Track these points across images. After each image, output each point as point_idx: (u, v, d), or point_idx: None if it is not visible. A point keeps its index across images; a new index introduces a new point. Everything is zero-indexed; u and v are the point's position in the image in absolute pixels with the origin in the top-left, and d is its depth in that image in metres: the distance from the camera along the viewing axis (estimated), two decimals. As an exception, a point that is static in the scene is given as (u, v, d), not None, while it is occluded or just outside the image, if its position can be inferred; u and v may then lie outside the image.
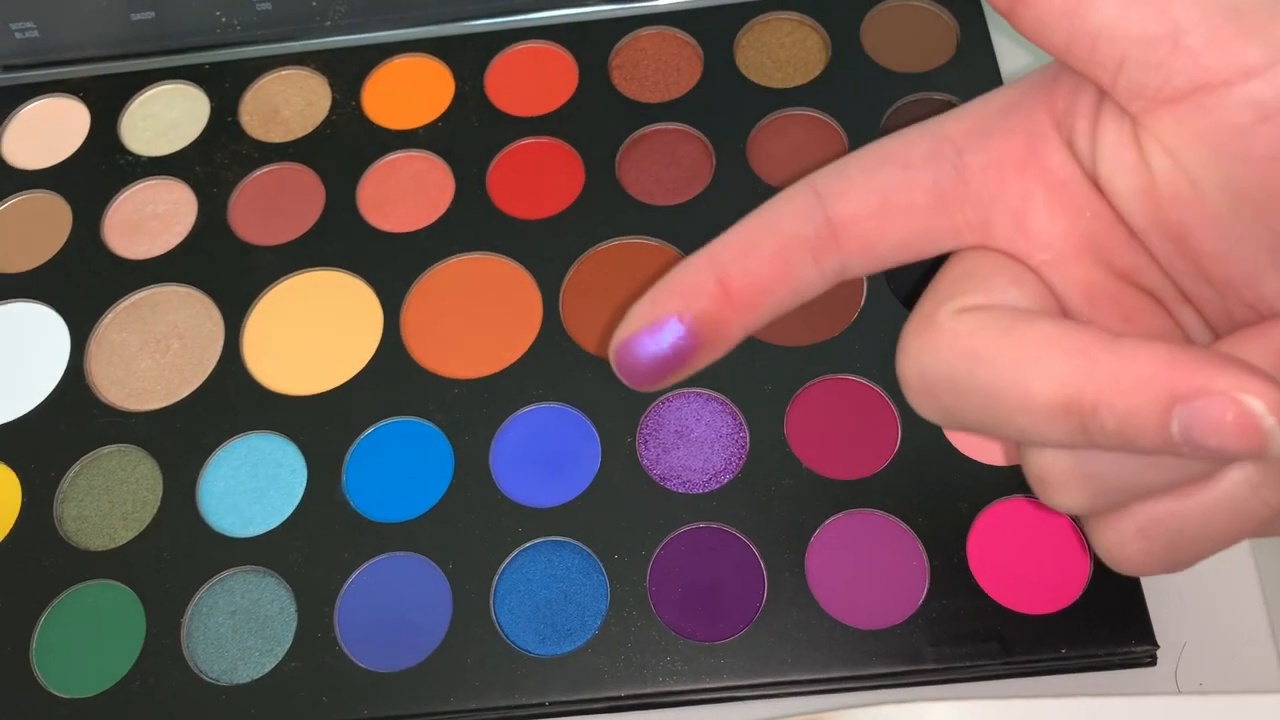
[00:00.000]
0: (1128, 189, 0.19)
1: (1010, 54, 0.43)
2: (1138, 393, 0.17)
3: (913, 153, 0.20)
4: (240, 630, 0.35)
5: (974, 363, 0.18)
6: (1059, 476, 0.19)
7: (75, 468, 0.38)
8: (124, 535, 0.37)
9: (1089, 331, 0.18)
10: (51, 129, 0.45)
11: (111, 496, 0.37)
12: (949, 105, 0.42)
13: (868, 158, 0.21)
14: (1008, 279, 0.20)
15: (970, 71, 0.42)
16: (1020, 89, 0.21)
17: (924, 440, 0.36)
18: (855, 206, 0.20)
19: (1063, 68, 0.20)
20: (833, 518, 0.35)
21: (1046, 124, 0.20)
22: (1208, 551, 0.19)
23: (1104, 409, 0.17)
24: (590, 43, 0.44)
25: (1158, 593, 0.33)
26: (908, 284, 0.38)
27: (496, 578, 0.35)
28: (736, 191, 0.41)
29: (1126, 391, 0.17)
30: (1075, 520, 0.34)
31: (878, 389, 0.37)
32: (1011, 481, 0.35)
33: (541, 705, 0.33)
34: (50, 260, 0.42)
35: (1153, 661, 0.33)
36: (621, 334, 0.21)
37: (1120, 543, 0.19)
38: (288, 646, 0.34)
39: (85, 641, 0.35)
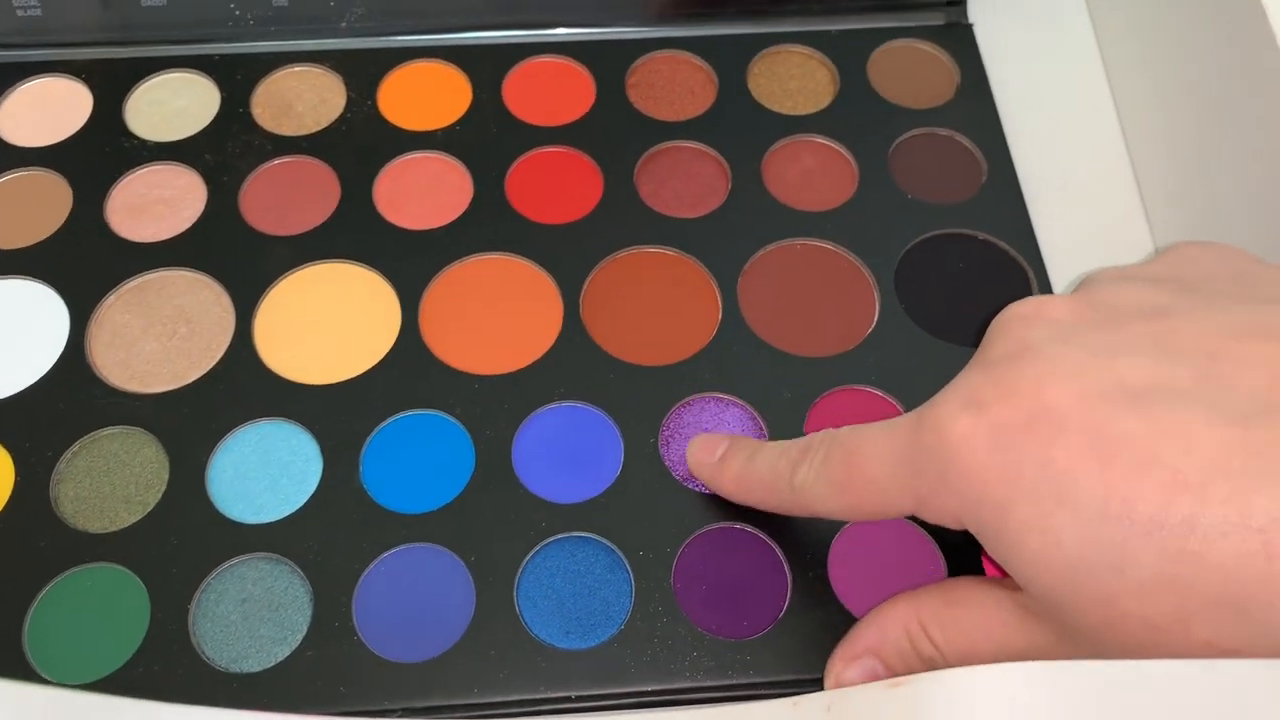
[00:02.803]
0: None
1: (1008, 94, 0.45)
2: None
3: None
4: (251, 618, 0.34)
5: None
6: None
7: (74, 448, 0.36)
8: (126, 518, 0.35)
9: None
10: (50, 109, 0.44)
11: (113, 479, 0.36)
12: (952, 140, 0.44)
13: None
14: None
15: (970, 110, 0.44)
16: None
17: (937, 451, 0.37)
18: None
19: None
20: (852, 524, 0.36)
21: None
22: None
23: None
24: (606, 61, 0.46)
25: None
26: (919, 300, 0.40)
27: (520, 571, 0.35)
28: (751, 208, 0.42)
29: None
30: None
31: (891, 400, 0.38)
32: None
33: (568, 699, 0.33)
34: (49, 238, 0.41)
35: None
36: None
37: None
38: (302, 635, 0.34)
39: (84, 626, 0.34)
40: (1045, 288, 0.40)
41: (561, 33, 0.46)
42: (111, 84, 0.44)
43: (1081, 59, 0.47)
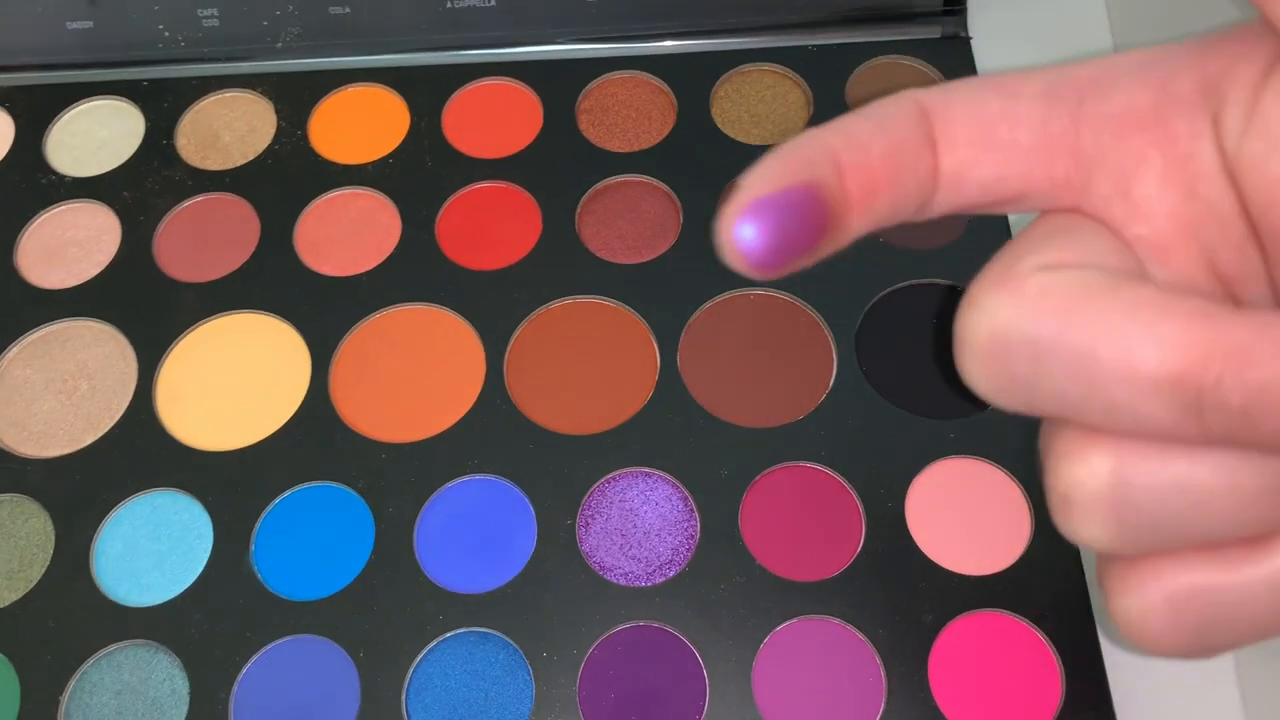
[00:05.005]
0: (1275, 181, 0.16)
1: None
2: (1276, 361, 0.14)
3: (1027, 87, 0.18)
4: (125, 713, 0.32)
5: (1067, 322, 0.15)
6: (1088, 498, 0.16)
7: (-41, 517, 0.35)
8: (7, 596, 0.33)
9: (1208, 300, 0.15)
10: (-29, 140, 0.42)
11: (-4, 552, 0.34)
12: (936, 174, 0.39)
13: (977, 83, 0.18)
14: (1104, 243, 0.17)
15: (960, 139, 0.39)
16: (1170, 47, 0.18)
17: (888, 541, 0.33)
18: (953, 129, 0.18)
19: (1232, 33, 0.17)
20: (785, 624, 0.32)
21: (1189, 86, 0.17)
22: (1246, 639, 0.16)
23: (1230, 380, 0.14)
24: (558, 83, 0.42)
25: (1133, 718, 0.31)
26: (883, 363, 0.35)
27: (411, 670, 0.32)
28: (703, 254, 0.38)
29: (1263, 360, 0.14)
30: (1050, 637, 0.31)
31: (842, 481, 0.34)
32: (981, 593, 0.32)
33: (450, 820, 0.30)
34: (-45, 284, 0.39)
35: (1126, 805, 0.30)
36: (743, 201, 0.17)
37: (1144, 612, 0.16)
38: (175, 736, 0.31)
39: (-50, 716, 0.32)
40: (1029, 349, 0.35)
41: (512, 52, 0.42)
42: (35, 112, 0.42)
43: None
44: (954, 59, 0.41)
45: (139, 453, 0.35)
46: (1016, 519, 0.33)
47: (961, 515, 0.33)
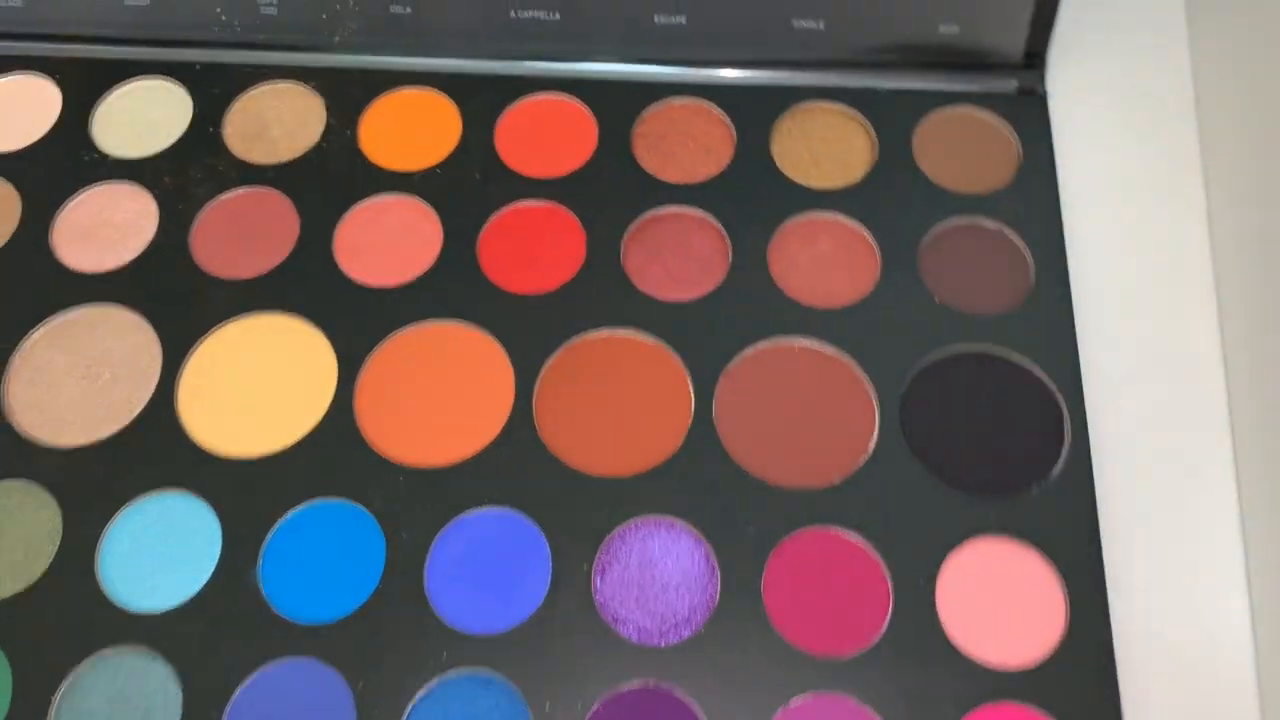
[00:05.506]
0: None
1: (1076, 187, 0.38)
2: None
3: None
4: (115, 720, 0.31)
5: None
6: None
7: (-31, 499, 0.34)
8: (8, 587, 0.33)
9: None
10: (17, 109, 0.41)
11: (2, 540, 0.33)
12: (1000, 236, 0.37)
13: None
14: None
15: (1028, 201, 0.38)
16: None
17: (916, 621, 0.31)
18: None
19: None
20: (799, 698, 0.30)
21: None
22: None
23: None
24: (617, 104, 0.40)
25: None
26: (927, 431, 0.34)
27: (409, 708, 0.31)
28: (749, 297, 0.36)
29: None
30: (1073, 740, 0.30)
31: (873, 552, 0.32)
32: (1008, 686, 0.30)
33: None
34: (-12, 257, 0.38)
35: None
36: None
37: None
38: (164, 751, 0.30)
39: (-59, 705, 0.31)
40: (1080, 430, 0.34)
41: (571, 67, 0.41)
42: (84, 86, 0.41)
43: (1177, 155, 0.40)
44: (1029, 113, 0.39)
45: (156, 451, 0.34)
46: (1051, 610, 0.32)
47: (994, 601, 0.32)
